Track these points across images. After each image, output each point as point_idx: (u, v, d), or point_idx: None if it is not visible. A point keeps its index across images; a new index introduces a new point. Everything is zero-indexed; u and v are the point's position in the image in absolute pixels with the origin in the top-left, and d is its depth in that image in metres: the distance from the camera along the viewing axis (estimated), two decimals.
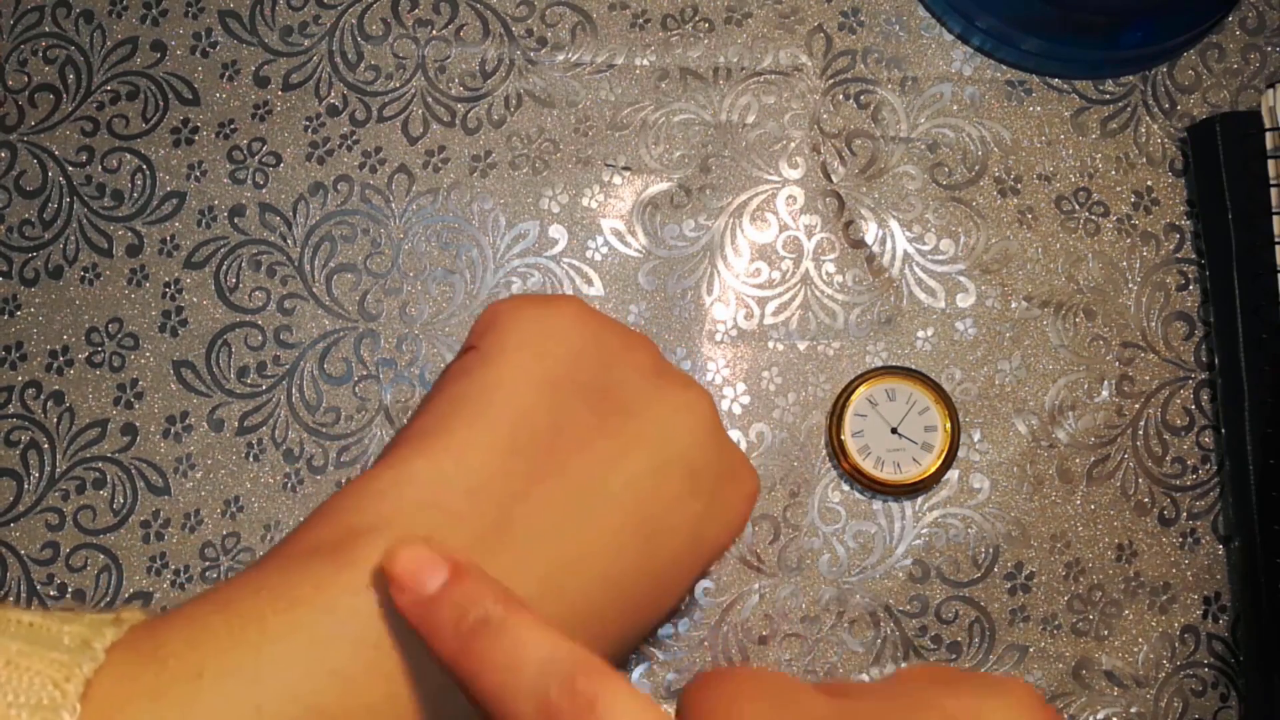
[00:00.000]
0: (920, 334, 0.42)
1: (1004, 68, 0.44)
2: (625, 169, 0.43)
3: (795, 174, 0.43)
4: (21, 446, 0.41)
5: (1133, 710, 0.41)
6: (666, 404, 0.30)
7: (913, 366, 0.42)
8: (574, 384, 0.30)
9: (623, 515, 0.29)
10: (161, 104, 0.43)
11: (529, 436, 0.28)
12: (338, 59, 0.44)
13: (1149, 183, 0.44)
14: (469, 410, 0.29)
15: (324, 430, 0.42)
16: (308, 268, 0.43)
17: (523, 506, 0.27)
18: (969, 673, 0.28)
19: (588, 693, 0.22)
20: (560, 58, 0.44)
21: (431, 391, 0.31)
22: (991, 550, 0.41)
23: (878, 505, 0.41)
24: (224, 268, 0.43)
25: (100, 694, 0.21)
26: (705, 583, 0.41)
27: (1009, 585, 0.41)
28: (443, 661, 0.25)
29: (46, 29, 0.44)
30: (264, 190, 0.43)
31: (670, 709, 0.40)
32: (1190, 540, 0.42)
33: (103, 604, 0.41)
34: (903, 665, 0.41)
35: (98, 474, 0.41)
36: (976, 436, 0.42)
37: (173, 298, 0.42)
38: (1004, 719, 0.25)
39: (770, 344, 0.42)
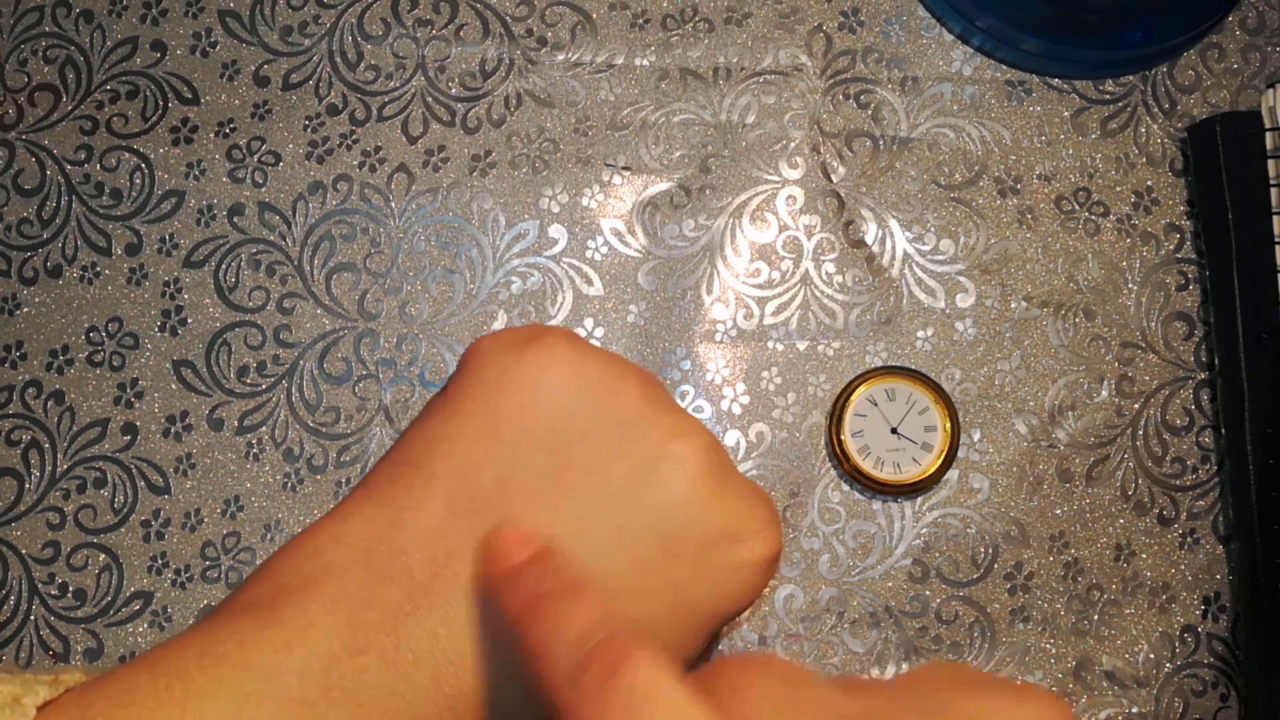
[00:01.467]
0: (920, 334, 0.42)
1: (1004, 68, 0.44)
2: (625, 169, 0.43)
3: (795, 174, 0.43)
4: (22, 446, 0.41)
5: (1133, 710, 0.41)
6: (637, 459, 0.28)
7: (913, 366, 0.42)
8: (532, 435, 0.28)
9: None
10: (161, 103, 0.43)
11: (469, 496, 0.28)
12: (338, 59, 0.44)
13: (1149, 183, 0.44)
14: (412, 465, 0.29)
15: (324, 430, 0.42)
16: (307, 267, 0.43)
17: (455, 563, 0.27)
18: (993, 676, 0.27)
19: (619, 652, 0.22)
20: (560, 58, 0.44)
21: (402, 433, 0.31)
22: (991, 550, 0.41)
23: (878, 505, 0.41)
24: (223, 267, 0.43)
25: None
26: None
27: (1009, 585, 0.41)
28: (510, 620, 0.25)
29: (46, 29, 0.44)
30: (263, 189, 0.43)
31: None
32: (1190, 540, 0.42)
33: (104, 603, 0.41)
34: (905, 666, 0.41)
35: (98, 473, 0.41)
36: (976, 436, 0.42)
37: (172, 297, 0.42)
38: None
39: (770, 344, 0.42)
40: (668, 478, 0.28)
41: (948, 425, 0.41)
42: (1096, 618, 0.41)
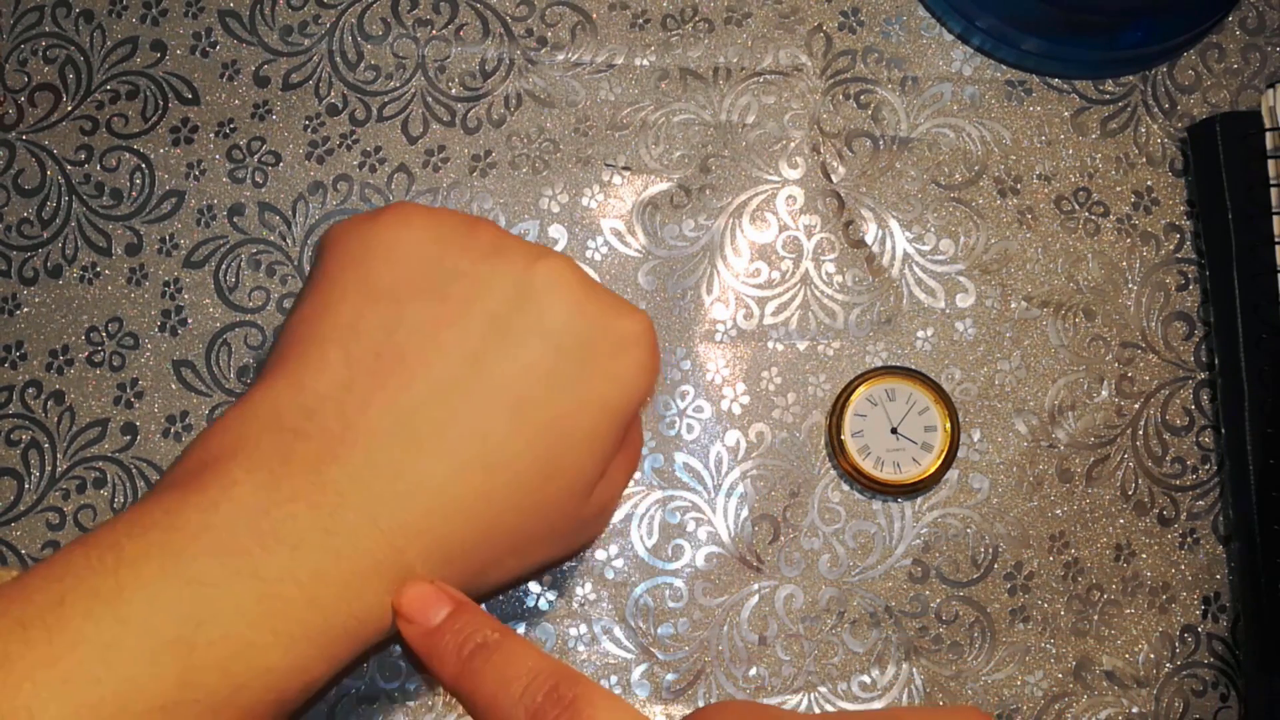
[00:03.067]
0: (920, 334, 0.42)
1: (1004, 68, 0.44)
2: (625, 169, 0.43)
3: (795, 174, 0.43)
4: (22, 446, 0.41)
5: (1133, 710, 0.41)
6: (510, 280, 0.30)
7: (913, 366, 0.42)
8: (407, 287, 0.30)
9: (481, 399, 0.29)
10: (161, 103, 0.43)
11: (362, 349, 0.29)
12: (338, 59, 0.44)
13: (1149, 183, 0.44)
14: (301, 338, 0.30)
15: None
16: (307, 267, 0.43)
17: (368, 412, 0.28)
18: (920, 710, 0.30)
19: (568, 695, 0.25)
20: (560, 58, 0.44)
21: (281, 326, 0.32)
22: (991, 550, 0.41)
23: (878, 505, 0.41)
24: (223, 267, 0.43)
25: None
26: (705, 582, 0.41)
27: (1009, 585, 0.41)
28: (445, 682, 0.27)
29: (46, 29, 0.44)
30: (263, 189, 0.43)
31: (670, 710, 0.40)
32: (1190, 540, 0.42)
33: None
34: (905, 666, 0.41)
35: (98, 473, 0.41)
36: (976, 436, 0.42)
37: (172, 297, 0.42)
38: None
39: (770, 344, 0.42)
40: (540, 291, 0.30)
41: (948, 425, 0.41)
42: (1096, 618, 0.41)
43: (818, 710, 0.40)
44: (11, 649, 0.23)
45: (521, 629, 0.40)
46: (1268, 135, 0.41)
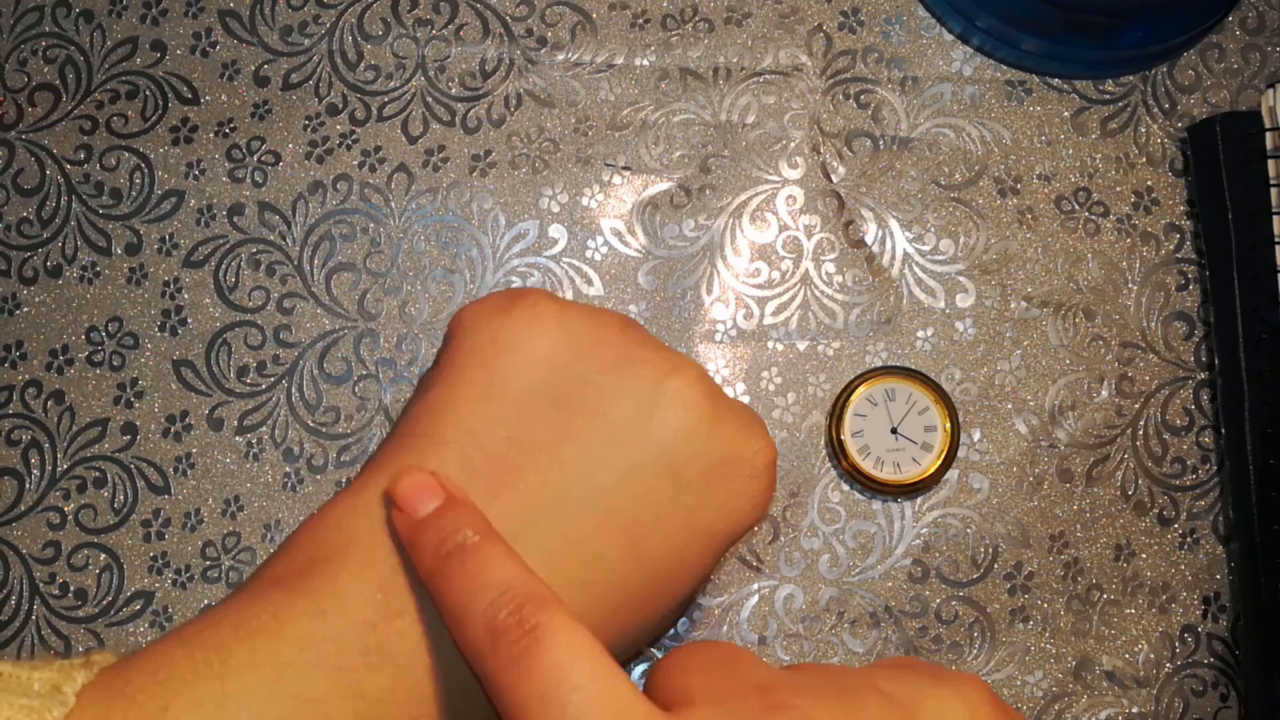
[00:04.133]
0: (920, 334, 0.42)
1: (1004, 68, 0.44)
2: (625, 169, 0.43)
3: (795, 174, 0.43)
4: (22, 446, 0.41)
5: (1133, 710, 0.41)
6: (635, 398, 0.29)
7: (913, 366, 0.42)
8: (533, 391, 0.29)
9: (596, 519, 0.28)
10: (161, 103, 0.43)
11: (483, 456, 0.28)
12: (338, 58, 0.44)
13: (1149, 183, 0.44)
14: (420, 434, 0.29)
15: (324, 430, 0.42)
16: (307, 267, 0.43)
17: None
18: (926, 664, 0.28)
19: (532, 619, 0.23)
20: (560, 58, 0.44)
21: (403, 410, 0.32)
22: (991, 550, 0.41)
23: (878, 505, 0.41)
24: (223, 267, 0.43)
25: None
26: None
27: (1009, 585, 0.41)
28: (421, 578, 0.26)
29: (46, 29, 0.44)
30: (263, 189, 0.43)
31: None
32: (1190, 540, 0.42)
33: (105, 603, 0.41)
34: None
35: (98, 473, 0.41)
36: (976, 436, 0.42)
37: (172, 297, 0.42)
38: (941, 707, 0.24)
39: (770, 344, 0.42)
40: (667, 411, 0.29)
41: (948, 425, 0.41)
42: (1096, 618, 0.41)
43: None
44: None
45: None
46: (1268, 135, 0.41)
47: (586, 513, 0.28)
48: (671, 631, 0.40)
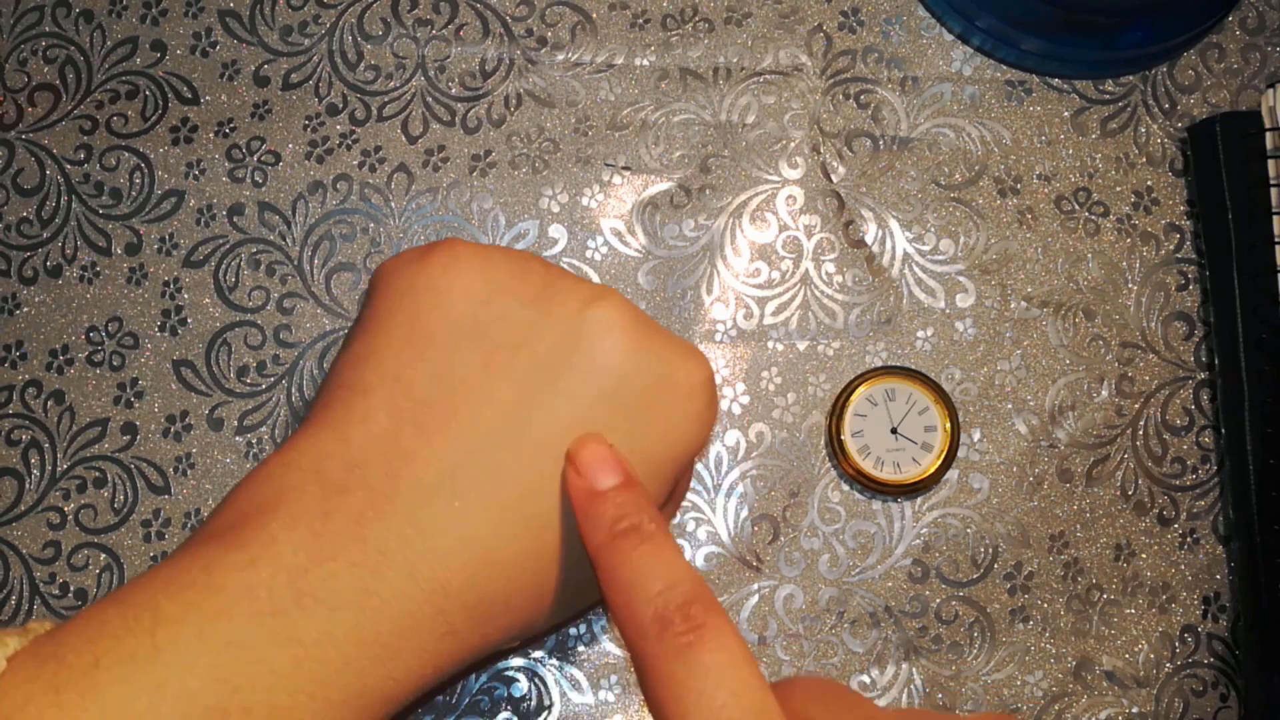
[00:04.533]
0: (920, 334, 0.42)
1: (1004, 68, 0.44)
2: (625, 169, 0.43)
3: (795, 174, 0.43)
4: (22, 446, 0.41)
5: (1133, 710, 0.41)
6: (561, 328, 0.29)
7: (913, 366, 0.42)
8: (455, 333, 0.29)
9: (533, 450, 0.28)
10: (161, 103, 0.43)
11: (410, 400, 0.28)
12: (338, 58, 0.44)
13: (1149, 183, 0.44)
14: (346, 385, 0.29)
15: None
16: (307, 267, 0.43)
17: (412, 465, 0.27)
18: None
19: (699, 618, 0.24)
20: (560, 58, 0.44)
21: (330, 366, 0.31)
22: (991, 550, 0.41)
23: (878, 505, 0.41)
24: (223, 267, 0.43)
25: (2, 697, 0.22)
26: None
27: (1009, 585, 0.41)
28: (589, 547, 0.27)
29: (46, 29, 0.44)
30: (263, 189, 0.43)
31: None
32: (1190, 540, 0.42)
33: None
34: (905, 666, 0.41)
35: (98, 473, 0.41)
36: (976, 436, 0.42)
37: (172, 296, 0.42)
38: None
39: (770, 344, 0.42)
40: (593, 338, 0.29)
41: (948, 425, 0.41)
42: (1096, 618, 0.41)
43: None
44: (46, 715, 0.22)
45: None
46: (1268, 135, 0.41)
47: (521, 446, 0.28)
48: None
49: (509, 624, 0.29)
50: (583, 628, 0.41)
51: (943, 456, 0.41)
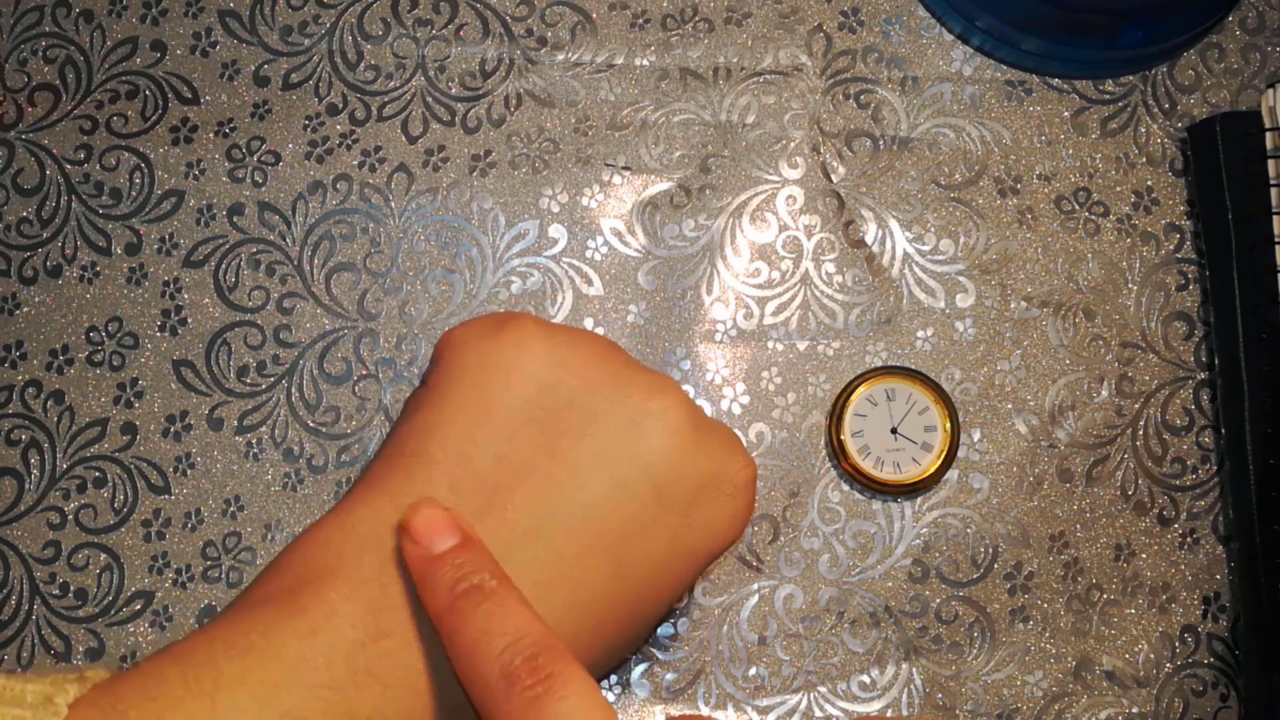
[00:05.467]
0: (920, 334, 0.42)
1: (1004, 68, 0.44)
2: (625, 169, 0.43)
3: (795, 174, 0.43)
4: (22, 446, 0.41)
5: (1133, 710, 0.41)
6: (622, 419, 0.30)
7: (913, 366, 0.42)
8: (520, 413, 0.29)
9: (584, 540, 0.29)
10: (161, 103, 0.43)
11: (471, 476, 0.28)
12: (337, 58, 0.44)
13: (1149, 183, 0.44)
14: (410, 454, 0.29)
15: (324, 430, 0.42)
16: (307, 267, 0.43)
17: None
18: None
19: (547, 668, 0.24)
20: (560, 58, 0.44)
21: (391, 430, 0.32)
22: (991, 550, 0.41)
23: (878, 505, 0.41)
24: (223, 267, 0.43)
25: None
26: (704, 582, 0.41)
27: (1009, 585, 0.41)
28: (431, 614, 0.26)
29: (46, 28, 0.44)
30: (263, 189, 0.43)
31: (670, 709, 0.40)
32: (1190, 540, 0.42)
33: (105, 603, 0.41)
34: (905, 666, 0.41)
35: (98, 473, 0.41)
36: (976, 436, 0.42)
37: (172, 296, 0.42)
38: None
39: (770, 344, 0.42)
40: (652, 432, 0.30)
41: (948, 425, 0.41)
42: (1096, 618, 0.41)
43: (819, 713, 0.40)
44: None
45: None
46: (1268, 135, 0.41)
47: (575, 534, 0.29)
48: (672, 631, 0.40)
49: None
50: None
51: (943, 456, 0.41)
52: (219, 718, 0.23)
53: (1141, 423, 0.42)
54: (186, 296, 0.42)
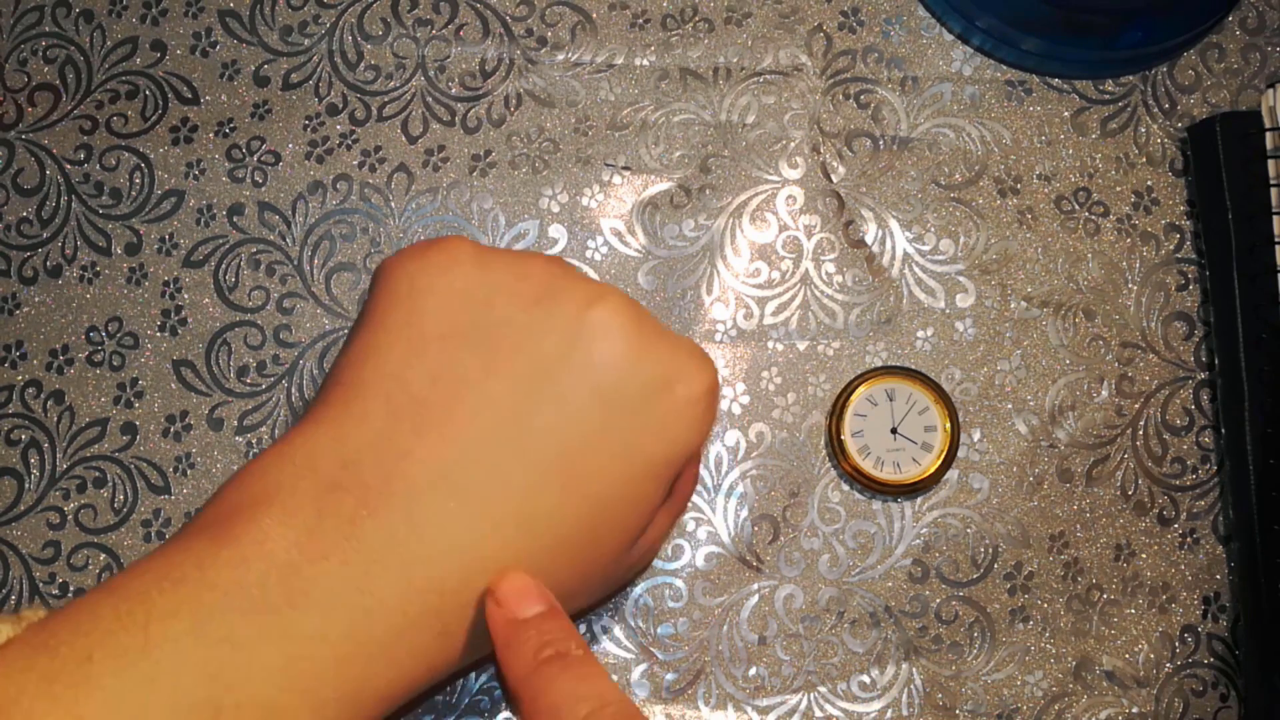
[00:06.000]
0: (920, 334, 0.42)
1: (1004, 68, 0.44)
2: (625, 169, 0.43)
3: (795, 174, 0.43)
4: (22, 446, 0.41)
5: (1133, 710, 0.41)
6: (560, 330, 0.29)
7: (913, 366, 0.42)
8: (455, 333, 0.29)
9: (530, 454, 0.28)
10: (161, 103, 0.43)
11: (407, 398, 0.28)
12: (338, 58, 0.44)
13: (1149, 183, 0.44)
14: (345, 383, 0.29)
15: None
16: (307, 267, 0.43)
17: (407, 465, 0.27)
18: None
19: None
20: (560, 58, 0.44)
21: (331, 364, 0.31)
22: (991, 550, 0.41)
23: (878, 505, 0.41)
24: (223, 266, 0.43)
25: None
26: (704, 582, 0.41)
27: (1009, 585, 0.41)
28: (512, 676, 0.26)
29: (46, 28, 0.44)
30: (263, 189, 0.43)
31: (670, 710, 0.40)
32: (1190, 540, 0.42)
33: None
34: (905, 666, 0.41)
35: (98, 473, 0.41)
36: (976, 436, 0.42)
37: (172, 296, 0.42)
38: None
39: (770, 344, 0.42)
40: (591, 339, 0.29)
41: (948, 425, 0.41)
42: (1096, 618, 0.41)
43: (819, 713, 0.40)
44: (38, 706, 0.22)
45: None
46: (1268, 135, 0.41)
47: (520, 448, 0.28)
48: (672, 631, 0.40)
49: None
50: (582, 627, 0.41)
51: (943, 456, 0.41)
52: (152, 647, 0.23)
53: (1141, 423, 0.42)
54: (186, 296, 0.42)
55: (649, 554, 0.35)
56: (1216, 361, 0.42)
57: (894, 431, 0.41)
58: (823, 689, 0.40)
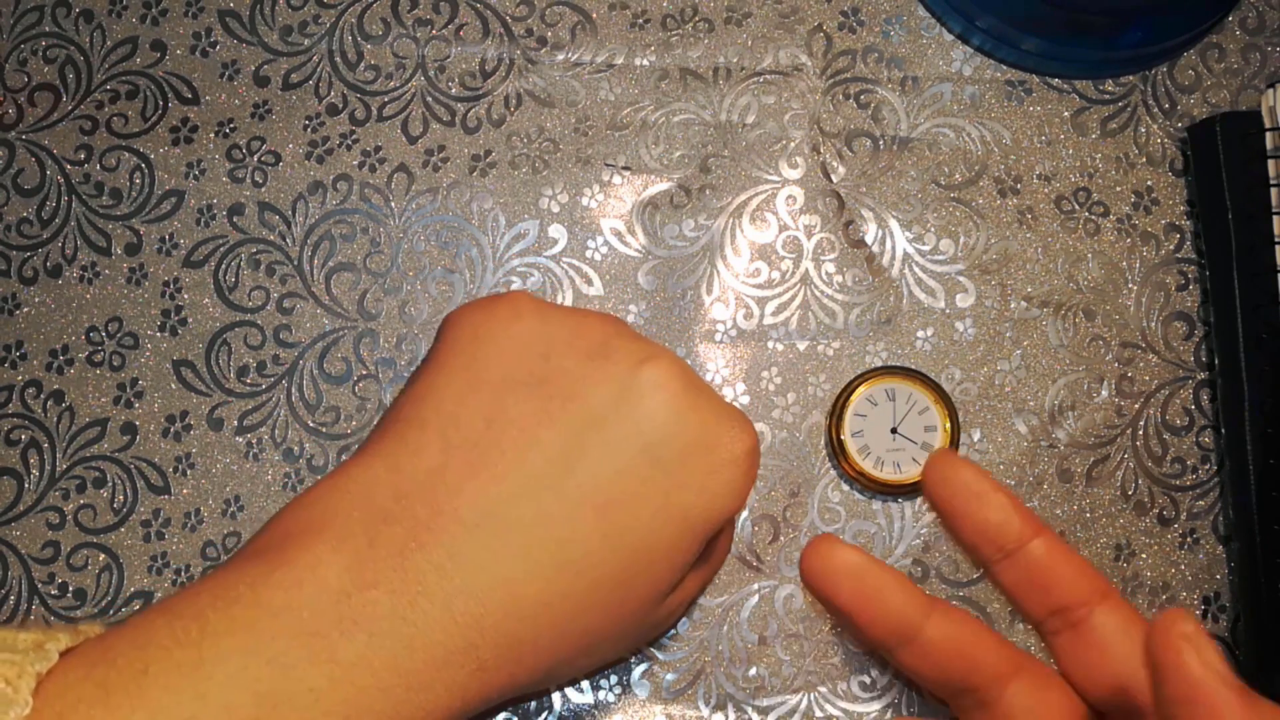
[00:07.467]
0: (920, 334, 0.42)
1: (1004, 68, 0.44)
2: (625, 169, 0.43)
3: (795, 174, 0.43)
4: (22, 446, 0.41)
5: None
6: (612, 383, 0.30)
7: (913, 366, 0.42)
8: (511, 379, 0.30)
9: (573, 499, 0.29)
10: (161, 103, 0.43)
11: (461, 437, 0.29)
12: (337, 58, 0.44)
13: (1149, 183, 0.44)
14: (404, 419, 0.30)
15: (323, 430, 0.42)
16: (307, 267, 0.43)
17: (456, 501, 0.28)
18: None
19: None
20: (560, 58, 0.44)
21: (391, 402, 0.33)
22: None
23: (878, 505, 0.41)
24: (223, 267, 0.43)
25: (52, 691, 0.23)
26: None
27: None
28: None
29: (46, 28, 0.44)
30: (263, 189, 0.43)
31: (670, 710, 0.40)
32: (1190, 540, 0.42)
33: (104, 603, 0.41)
34: None
35: (98, 473, 0.41)
36: (976, 436, 0.42)
37: (172, 297, 0.42)
38: None
39: (770, 344, 0.42)
40: (643, 395, 0.30)
41: (948, 425, 0.41)
42: None
43: (819, 713, 0.40)
44: (95, 714, 0.23)
45: None
46: (1268, 135, 0.41)
47: (564, 493, 0.29)
48: (673, 632, 0.40)
49: (534, 665, 0.29)
50: None
51: None
52: (205, 664, 0.24)
53: (1141, 423, 0.42)
54: (186, 296, 0.42)
55: (676, 613, 0.36)
56: (1216, 361, 0.42)
57: (894, 431, 0.41)
58: (823, 689, 0.40)
